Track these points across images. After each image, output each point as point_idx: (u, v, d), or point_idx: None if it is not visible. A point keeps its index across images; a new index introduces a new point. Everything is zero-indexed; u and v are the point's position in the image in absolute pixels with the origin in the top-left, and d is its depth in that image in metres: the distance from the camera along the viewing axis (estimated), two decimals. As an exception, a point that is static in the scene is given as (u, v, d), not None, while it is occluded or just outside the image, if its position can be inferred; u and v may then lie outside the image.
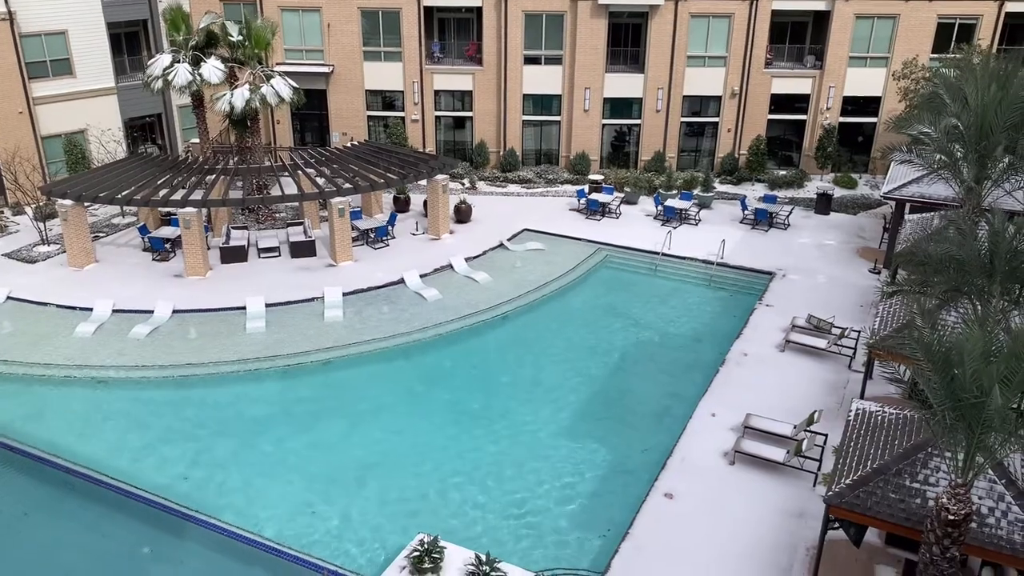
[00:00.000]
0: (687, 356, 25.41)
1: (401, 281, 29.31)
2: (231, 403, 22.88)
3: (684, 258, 31.62)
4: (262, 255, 31.16)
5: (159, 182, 30.56)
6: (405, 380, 24.31)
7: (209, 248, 30.52)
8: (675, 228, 34.06)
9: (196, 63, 32.77)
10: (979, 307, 16.73)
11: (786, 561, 16.60)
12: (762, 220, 34.69)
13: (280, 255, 31.27)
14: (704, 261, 31.21)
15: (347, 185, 30.75)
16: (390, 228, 32.92)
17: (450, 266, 30.73)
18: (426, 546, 16.12)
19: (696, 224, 35.02)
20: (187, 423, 21.79)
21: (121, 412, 22.30)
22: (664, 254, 31.80)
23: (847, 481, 14.45)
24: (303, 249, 31.17)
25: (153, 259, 30.90)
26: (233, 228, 32.55)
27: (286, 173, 32.97)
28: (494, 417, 22.19)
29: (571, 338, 26.59)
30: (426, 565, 15.81)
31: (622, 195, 37.51)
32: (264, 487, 19.30)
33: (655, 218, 35.64)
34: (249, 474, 19.74)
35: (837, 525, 14.90)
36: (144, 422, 21.82)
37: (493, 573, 15.53)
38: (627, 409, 22.84)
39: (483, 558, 15.79)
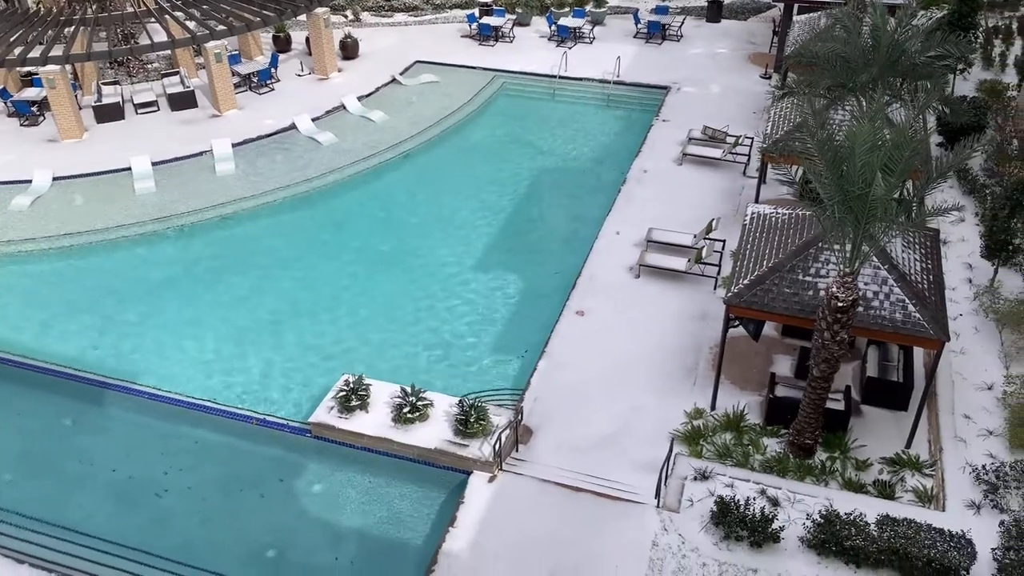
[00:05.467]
0: (590, 179, 25.70)
1: (293, 127, 28.20)
2: (130, 268, 22.17)
3: (581, 79, 31.23)
4: (139, 111, 29.34)
5: (12, 39, 27.87)
6: (310, 229, 23.92)
7: (81, 108, 28.51)
8: (570, 48, 33.39)
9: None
10: (864, 103, 17.23)
11: (692, 360, 17.73)
12: (655, 33, 34.31)
13: (159, 109, 29.47)
14: (600, 81, 30.94)
15: (221, 27, 28.73)
16: (273, 71, 31.24)
17: (342, 107, 29.63)
18: (352, 385, 16.48)
19: (591, 42, 34.41)
20: (87, 293, 21.14)
21: (15, 288, 21.43)
22: (561, 77, 31.31)
23: (745, 281, 15.26)
24: (183, 101, 29.43)
25: (21, 124, 28.74)
26: (103, 84, 30.35)
27: (153, 19, 30.47)
28: (406, 257, 22.27)
29: (475, 172, 26.41)
30: (353, 403, 16.24)
31: (514, 17, 36.30)
32: (178, 347, 19.15)
33: (549, 39, 34.81)
34: (160, 336, 19.50)
35: (737, 323, 15.86)
36: (41, 296, 21.07)
37: (420, 402, 16.08)
38: (536, 236, 23.22)
39: (408, 390, 16.28)
